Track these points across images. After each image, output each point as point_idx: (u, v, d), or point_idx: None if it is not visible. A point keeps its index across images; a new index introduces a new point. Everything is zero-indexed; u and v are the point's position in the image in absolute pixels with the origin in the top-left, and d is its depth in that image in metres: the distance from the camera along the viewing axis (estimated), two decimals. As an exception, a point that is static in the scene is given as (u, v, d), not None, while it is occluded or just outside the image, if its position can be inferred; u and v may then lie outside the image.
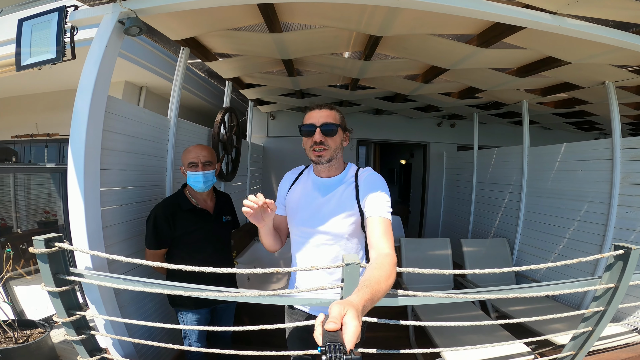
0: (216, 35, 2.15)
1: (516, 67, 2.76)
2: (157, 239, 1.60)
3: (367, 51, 2.36)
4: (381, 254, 1.04)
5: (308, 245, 1.31)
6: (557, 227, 3.19)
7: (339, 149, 1.28)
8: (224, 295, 1.15)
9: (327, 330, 0.62)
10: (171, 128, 2.07)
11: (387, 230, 1.12)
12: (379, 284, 0.87)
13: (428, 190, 5.74)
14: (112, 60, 1.40)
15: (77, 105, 1.29)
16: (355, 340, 0.61)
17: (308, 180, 1.36)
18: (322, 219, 1.26)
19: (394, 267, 1.00)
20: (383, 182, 1.25)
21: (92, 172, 1.32)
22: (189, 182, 1.66)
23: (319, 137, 1.23)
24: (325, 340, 0.59)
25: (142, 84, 4.55)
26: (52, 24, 1.49)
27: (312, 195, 1.31)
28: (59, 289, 1.19)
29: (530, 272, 3.37)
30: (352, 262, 1.08)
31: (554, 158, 3.30)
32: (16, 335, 1.89)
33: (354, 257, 1.11)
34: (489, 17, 1.60)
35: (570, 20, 1.61)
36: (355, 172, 1.31)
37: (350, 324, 0.62)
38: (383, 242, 1.08)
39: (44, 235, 1.15)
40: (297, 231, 1.34)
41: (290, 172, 1.47)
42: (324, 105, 1.28)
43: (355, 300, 0.74)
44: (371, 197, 1.18)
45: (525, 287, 1.45)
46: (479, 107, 4.47)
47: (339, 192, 1.27)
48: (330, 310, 0.65)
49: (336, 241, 1.27)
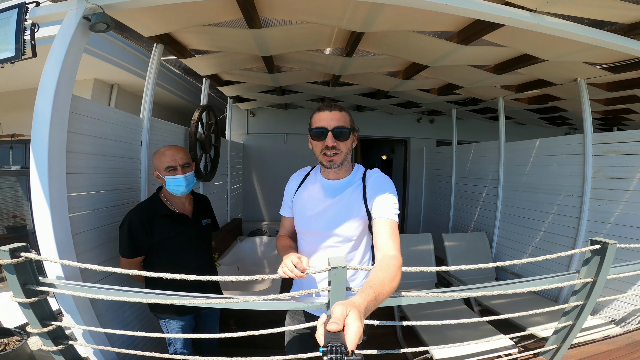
0: (192, 31, 2.06)
1: (493, 64, 2.80)
2: (132, 247, 1.50)
3: (348, 47, 2.33)
4: (387, 255, 1.04)
5: (315, 247, 1.30)
6: (533, 220, 3.29)
7: (349, 152, 1.26)
8: (208, 302, 1.11)
9: (329, 331, 0.62)
10: (144, 128, 1.97)
11: (393, 232, 1.11)
12: (383, 286, 0.87)
13: (409, 185, 5.81)
14: (76, 58, 1.30)
15: (38, 107, 1.19)
16: (357, 341, 0.61)
17: (315, 182, 1.34)
18: (330, 222, 1.25)
19: (399, 269, 0.99)
20: (391, 183, 1.24)
21: (57, 177, 1.23)
22: (169, 187, 1.55)
23: (331, 142, 1.20)
24: (327, 341, 0.59)
25: (113, 82, 4.34)
26: (10, 21, 1.39)
27: (319, 197, 1.29)
28: (30, 300, 1.12)
29: (510, 265, 3.46)
30: (338, 266, 1.06)
31: (529, 153, 3.40)
32: None
33: (339, 260, 1.10)
34: (470, 14, 1.61)
35: (548, 18, 1.64)
36: (363, 173, 1.29)
37: (353, 325, 0.62)
38: (389, 244, 1.08)
39: (8, 246, 1.08)
40: (305, 233, 1.33)
41: (296, 173, 1.45)
42: (334, 107, 1.24)
43: (358, 301, 0.73)
44: (378, 199, 1.18)
45: (508, 284, 1.48)
46: (457, 104, 4.55)
47: (347, 194, 1.26)
48: (333, 311, 0.65)
49: (344, 243, 1.26)
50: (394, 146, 7.10)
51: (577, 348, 1.84)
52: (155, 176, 1.59)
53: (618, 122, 5.48)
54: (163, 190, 1.63)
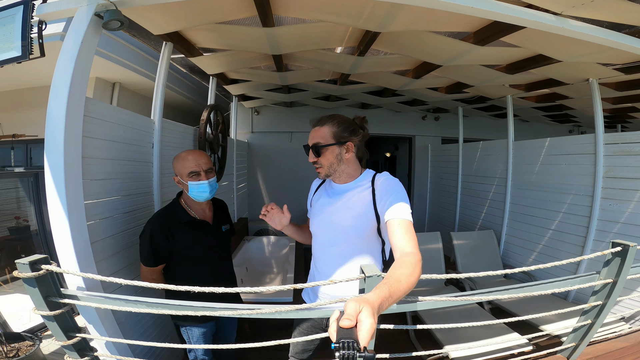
0: (203, 29, 2.00)
1: (506, 64, 2.77)
2: (155, 255, 1.45)
3: (361, 47, 2.29)
4: (404, 252, 1.04)
5: (324, 248, 1.36)
6: (542, 219, 3.29)
7: (334, 164, 1.29)
8: (239, 313, 1.07)
9: (342, 327, 0.61)
10: (155, 129, 1.92)
11: (408, 230, 1.11)
12: (399, 283, 0.86)
13: (414, 183, 5.78)
14: (89, 59, 1.24)
15: (51, 111, 1.13)
16: (369, 338, 0.61)
17: (327, 187, 1.42)
18: (336, 224, 1.30)
19: (417, 264, 0.98)
20: (400, 186, 1.26)
21: (73, 185, 1.18)
22: (192, 193, 1.49)
23: (311, 158, 1.30)
24: (339, 337, 0.59)
25: (115, 80, 4.27)
26: (16, 18, 1.31)
27: (327, 200, 1.36)
28: (54, 313, 1.08)
29: (518, 263, 3.49)
30: (372, 274, 1.04)
31: (538, 152, 3.38)
32: (5, 349, 1.76)
33: (373, 268, 1.08)
34: (494, 17, 1.58)
35: (572, 22, 1.63)
36: (372, 177, 1.32)
37: (366, 321, 0.62)
38: (405, 241, 1.08)
39: (28, 258, 1.03)
40: (316, 236, 1.40)
41: (317, 179, 1.53)
42: (318, 121, 1.31)
43: (372, 297, 0.73)
44: (389, 202, 1.18)
45: (530, 286, 1.47)
46: (463, 101, 4.51)
47: (352, 197, 1.29)
48: (346, 307, 0.65)
49: (349, 245, 1.29)
50: (398, 143, 7.05)
51: (593, 345, 1.86)
52: (177, 182, 1.53)
53: (622, 120, 5.47)
54: (183, 196, 1.57)
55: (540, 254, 3.28)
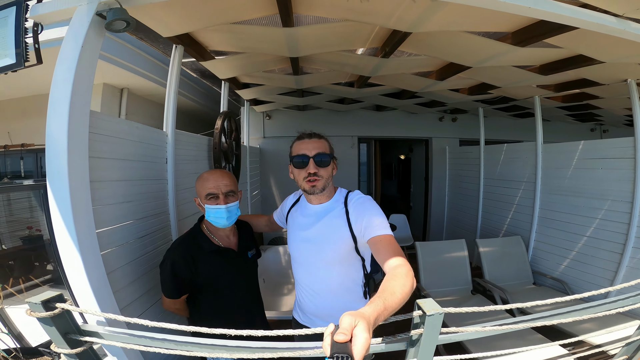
0: (216, 30, 1.84)
1: (539, 64, 2.59)
2: (177, 288, 1.33)
3: (387, 48, 2.11)
4: (392, 266, 1.03)
5: (304, 269, 1.36)
6: (575, 225, 3.12)
7: (330, 178, 1.31)
8: (279, 355, 0.91)
9: (337, 341, 0.61)
10: (169, 143, 1.75)
11: (391, 244, 1.11)
12: (394, 295, 0.86)
13: (431, 186, 5.57)
14: (91, 66, 1.07)
15: (50, 130, 0.96)
16: (364, 353, 0.60)
17: (302, 206, 1.41)
18: (314, 246, 1.29)
19: (408, 274, 0.97)
20: (372, 202, 1.27)
21: (83, 215, 1.02)
22: (209, 217, 1.36)
23: (313, 169, 1.26)
24: (333, 351, 0.59)
25: (122, 86, 4.16)
26: (8, 21, 1.15)
27: (304, 221, 1.35)
28: (76, 351, 0.95)
29: (548, 270, 3.35)
30: (434, 312, 0.89)
31: (571, 155, 3.20)
32: None
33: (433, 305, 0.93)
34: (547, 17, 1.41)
35: (633, 24, 1.48)
36: (345, 196, 1.32)
37: (361, 336, 0.62)
38: (390, 255, 1.07)
39: (39, 297, 0.90)
40: (296, 257, 1.39)
41: (292, 194, 1.53)
42: (313, 135, 1.31)
43: (368, 312, 0.72)
44: (366, 221, 1.19)
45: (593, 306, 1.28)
46: (484, 102, 4.31)
47: (330, 218, 1.29)
48: (341, 321, 0.64)
49: (329, 266, 1.28)
50: (412, 145, 6.85)
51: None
52: (197, 204, 1.40)
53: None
54: (205, 221, 1.42)
55: (573, 261, 3.10)
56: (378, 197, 6.78)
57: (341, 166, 1.53)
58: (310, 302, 1.36)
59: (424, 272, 3.11)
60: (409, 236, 5.03)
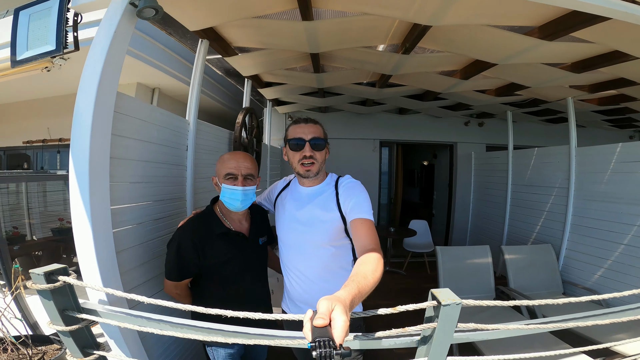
0: (238, 25, 1.90)
1: (571, 62, 2.46)
2: (180, 270, 1.30)
3: (407, 44, 2.09)
4: (366, 249, 1.07)
5: (293, 251, 1.36)
6: (612, 232, 2.91)
7: (324, 162, 1.35)
8: (276, 342, 0.90)
9: (316, 326, 0.62)
10: (190, 131, 1.82)
11: (369, 228, 1.16)
12: (366, 279, 0.89)
13: (455, 193, 5.40)
14: (122, 49, 1.14)
15: (78, 105, 1.03)
16: (344, 335, 0.62)
17: (293, 190, 1.43)
18: (305, 227, 1.31)
19: (380, 260, 1.01)
20: (361, 187, 1.31)
21: (99, 188, 1.07)
22: (223, 197, 1.34)
23: (309, 152, 1.29)
24: (314, 336, 0.60)
25: (154, 86, 4.36)
26: (52, 11, 1.26)
27: (296, 205, 1.37)
28: (70, 328, 0.96)
29: (580, 280, 3.15)
30: (451, 302, 0.85)
31: (608, 159, 2.99)
32: (30, 352, 1.71)
33: (449, 294, 0.89)
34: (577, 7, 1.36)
35: None
36: (336, 180, 1.36)
37: (339, 319, 0.63)
38: (366, 239, 1.12)
39: (43, 268, 0.92)
40: (282, 238, 1.41)
41: (282, 179, 1.55)
42: (309, 120, 1.35)
43: (343, 295, 0.74)
44: (352, 202, 1.23)
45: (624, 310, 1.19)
46: (513, 105, 4.15)
47: (320, 200, 1.32)
48: (318, 306, 0.66)
49: (319, 248, 1.30)
50: (436, 151, 6.70)
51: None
52: (214, 183, 1.40)
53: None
54: (219, 203, 1.42)
55: (609, 270, 2.90)
56: (399, 204, 6.65)
57: (361, 170, 1.55)
58: (298, 287, 1.36)
59: (443, 277, 2.99)
60: (429, 243, 4.89)
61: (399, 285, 4.20)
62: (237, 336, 0.92)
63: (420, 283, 4.27)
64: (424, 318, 0.95)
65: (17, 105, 4.71)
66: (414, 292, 3.81)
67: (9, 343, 1.67)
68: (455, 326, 0.91)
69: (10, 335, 1.70)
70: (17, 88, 4.09)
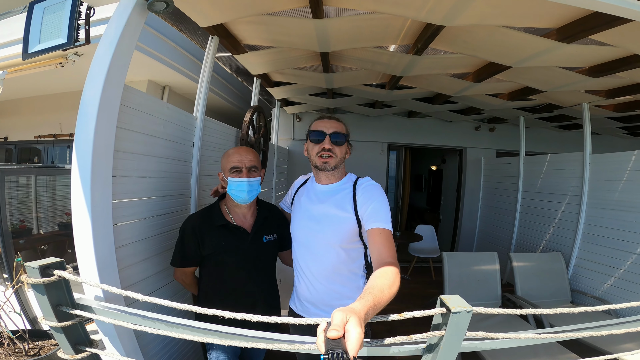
0: (248, 21, 1.88)
1: (589, 65, 2.39)
2: (182, 256, 1.37)
3: (419, 44, 2.05)
4: (384, 262, 1.04)
5: (305, 249, 1.33)
6: (625, 242, 2.83)
7: (343, 159, 1.33)
8: (274, 346, 0.87)
9: (329, 338, 0.61)
10: (197, 127, 1.80)
11: (387, 239, 1.13)
12: (382, 292, 0.87)
13: (463, 199, 5.32)
14: (131, 43, 1.13)
15: (85, 96, 1.03)
16: (358, 347, 0.60)
17: (310, 187, 1.42)
18: (317, 225, 1.29)
19: (397, 275, 0.99)
20: (381, 192, 1.26)
21: (101, 181, 1.06)
22: (230, 191, 1.37)
23: (328, 145, 1.29)
24: (328, 348, 0.59)
25: (165, 84, 4.39)
26: (66, 5, 1.27)
27: (310, 202, 1.35)
28: (62, 324, 0.94)
29: (590, 289, 3.08)
30: (461, 310, 0.81)
31: (623, 167, 2.92)
32: (26, 347, 1.70)
33: (459, 301, 0.85)
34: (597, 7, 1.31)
35: None
36: (355, 181, 1.33)
37: (353, 331, 0.62)
38: (385, 251, 1.09)
39: (39, 262, 0.90)
40: (295, 235, 1.39)
41: (300, 177, 1.54)
42: (333, 117, 1.35)
43: (358, 307, 0.73)
44: (370, 208, 1.20)
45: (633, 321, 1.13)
46: (526, 110, 4.07)
47: (335, 199, 1.29)
48: (333, 317, 0.65)
49: (330, 248, 1.27)
50: (445, 156, 6.62)
51: None
52: (220, 178, 1.44)
53: None
54: (226, 198, 1.45)
55: (619, 280, 2.82)
56: (405, 208, 6.58)
57: (368, 173, 1.52)
58: (305, 286, 1.35)
59: (449, 283, 2.93)
60: (436, 248, 4.82)
61: (403, 290, 4.08)
62: (235, 338, 0.89)
63: (424, 288, 4.24)
64: (431, 325, 0.91)
65: (29, 101, 4.78)
66: (418, 297, 3.75)
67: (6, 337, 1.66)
68: (464, 335, 0.87)
69: (7, 330, 1.69)
70: (31, 83, 4.14)
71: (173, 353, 1.56)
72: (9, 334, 1.65)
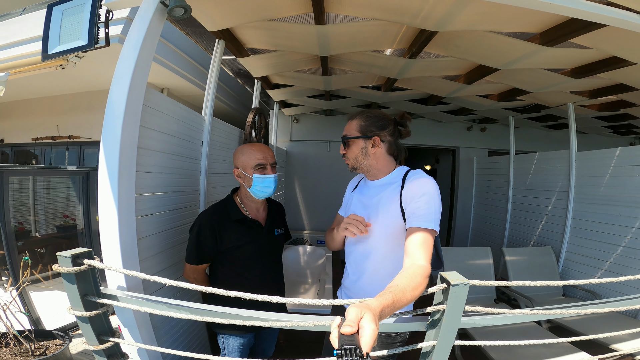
0: (254, 27, 1.98)
1: (571, 67, 2.54)
2: (199, 253, 1.38)
3: (414, 49, 2.17)
4: (415, 264, 1.02)
5: (354, 248, 1.32)
6: (611, 235, 2.99)
7: (359, 158, 1.28)
8: (293, 325, 0.96)
9: (343, 333, 0.61)
10: (206, 127, 1.89)
11: (425, 241, 1.07)
12: (404, 293, 0.86)
13: (457, 197, 5.47)
14: (152, 46, 1.22)
15: (112, 97, 1.10)
16: (372, 344, 0.60)
17: (362, 184, 1.40)
18: (365, 215, 1.25)
19: (425, 279, 0.97)
20: (432, 186, 1.17)
21: (127, 175, 1.14)
22: (255, 188, 1.40)
23: (341, 150, 1.32)
24: (341, 344, 0.59)
25: (163, 86, 4.45)
26: (85, 7, 1.33)
27: (359, 197, 1.34)
28: (90, 314, 1.00)
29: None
30: (459, 283, 0.91)
31: (607, 163, 3.08)
32: (33, 347, 1.74)
33: (457, 276, 0.94)
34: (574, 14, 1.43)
35: None
36: (405, 173, 1.26)
37: (368, 327, 0.62)
38: (419, 252, 1.04)
39: (70, 251, 0.95)
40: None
41: (356, 177, 1.50)
42: (352, 115, 1.32)
43: (374, 304, 0.72)
44: (417, 205, 1.13)
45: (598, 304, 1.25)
46: (515, 110, 4.23)
47: (382, 195, 1.25)
48: (347, 313, 0.65)
49: (377, 245, 1.23)
50: (439, 155, 6.77)
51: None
52: (236, 175, 1.45)
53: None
54: (239, 193, 1.50)
55: (607, 272, 2.96)
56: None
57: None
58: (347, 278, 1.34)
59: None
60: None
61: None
62: (254, 319, 0.97)
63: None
64: (433, 302, 1.00)
65: (26, 102, 4.79)
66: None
67: (12, 337, 1.69)
68: (463, 308, 0.96)
69: (14, 329, 1.72)
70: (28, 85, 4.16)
71: (185, 345, 1.63)
72: (15, 334, 1.68)
